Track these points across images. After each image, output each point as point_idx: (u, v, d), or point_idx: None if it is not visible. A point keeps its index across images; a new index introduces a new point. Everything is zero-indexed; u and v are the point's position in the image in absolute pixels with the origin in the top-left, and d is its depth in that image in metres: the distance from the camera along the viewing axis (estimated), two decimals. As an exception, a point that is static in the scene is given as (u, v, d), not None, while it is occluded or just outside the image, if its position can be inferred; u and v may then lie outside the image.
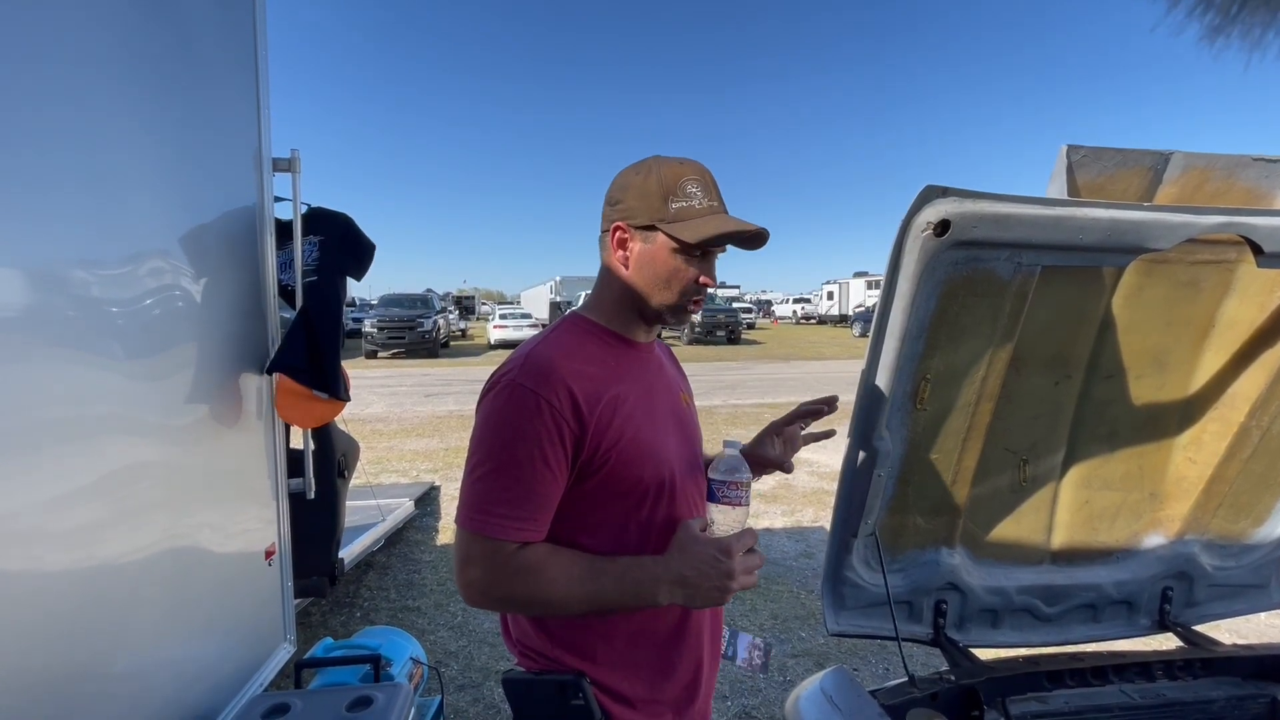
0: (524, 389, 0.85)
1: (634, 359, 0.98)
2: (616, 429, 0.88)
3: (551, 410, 0.84)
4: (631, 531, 0.92)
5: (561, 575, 0.86)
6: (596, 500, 0.90)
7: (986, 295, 1.15)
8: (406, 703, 1.64)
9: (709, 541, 0.85)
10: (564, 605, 0.87)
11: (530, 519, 0.86)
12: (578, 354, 0.91)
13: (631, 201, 0.92)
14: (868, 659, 2.86)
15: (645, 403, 0.95)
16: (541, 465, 0.84)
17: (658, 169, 0.92)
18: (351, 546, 2.98)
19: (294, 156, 2.01)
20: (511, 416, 0.85)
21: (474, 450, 0.87)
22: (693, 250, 0.91)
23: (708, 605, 0.86)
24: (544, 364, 0.87)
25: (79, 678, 1.23)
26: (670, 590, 0.84)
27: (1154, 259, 1.20)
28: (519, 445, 0.84)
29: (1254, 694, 1.37)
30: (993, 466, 1.41)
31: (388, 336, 16.64)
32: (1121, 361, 1.37)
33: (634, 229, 0.92)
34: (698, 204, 0.91)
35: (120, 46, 1.36)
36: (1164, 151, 1.21)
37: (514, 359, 0.90)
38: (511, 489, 0.84)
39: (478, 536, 0.85)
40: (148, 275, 1.44)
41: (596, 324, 0.98)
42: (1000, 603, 1.51)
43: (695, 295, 0.95)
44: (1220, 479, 1.48)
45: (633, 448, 0.90)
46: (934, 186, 1.02)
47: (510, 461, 0.84)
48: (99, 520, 1.29)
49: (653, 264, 0.92)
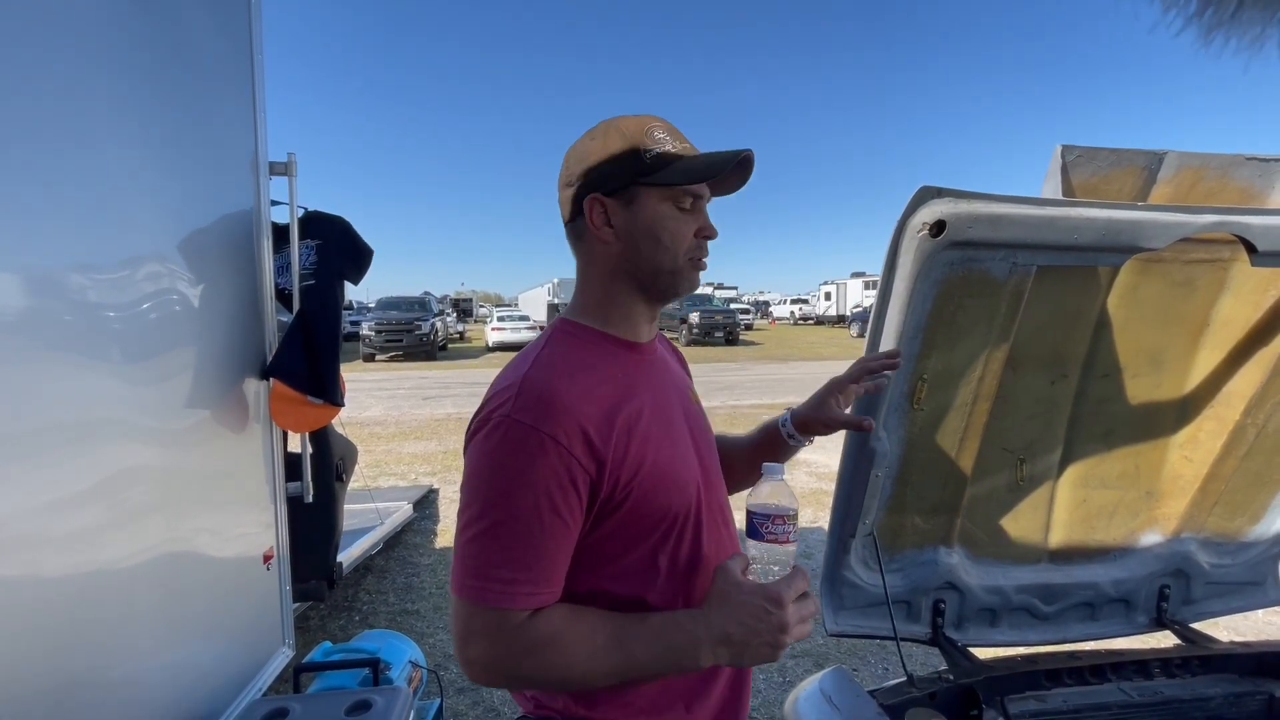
0: (522, 426, 0.71)
1: (639, 364, 0.85)
2: (635, 457, 0.76)
3: (558, 449, 0.70)
4: (661, 568, 0.80)
5: (582, 646, 0.72)
6: (619, 541, 0.78)
7: (982, 295, 1.15)
8: (406, 706, 1.64)
9: (755, 589, 0.73)
10: (587, 679, 0.74)
11: (540, 581, 0.72)
12: (579, 372, 0.77)
13: (600, 167, 0.80)
14: (867, 659, 2.86)
15: (660, 415, 0.83)
16: (550, 515, 0.71)
17: (615, 126, 0.81)
18: (350, 550, 2.97)
19: (290, 160, 2.01)
20: (510, 460, 0.71)
21: (467, 502, 0.73)
22: (683, 199, 0.80)
23: (757, 663, 0.74)
24: (543, 392, 0.73)
25: (75, 684, 1.22)
26: (714, 651, 0.72)
27: (1149, 258, 1.21)
28: (521, 494, 0.70)
29: (1251, 691, 1.38)
30: (990, 466, 1.41)
31: (385, 339, 16.62)
32: (1118, 360, 1.38)
33: (611, 197, 0.80)
34: (671, 148, 0.80)
35: (114, 48, 1.36)
36: (1158, 151, 1.22)
37: (504, 387, 0.76)
38: (515, 547, 0.71)
39: (479, 608, 0.71)
40: (144, 279, 1.44)
41: (591, 329, 0.84)
42: (998, 602, 1.51)
43: (697, 251, 0.83)
44: (1216, 477, 1.48)
45: (654, 476, 0.77)
46: (929, 187, 1.03)
47: (512, 514, 0.70)
48: (95, 525, 1.28)
49: (644, 227, 0.80)
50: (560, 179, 0.85)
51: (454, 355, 18.95)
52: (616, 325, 0.85)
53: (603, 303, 0.85)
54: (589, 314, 0.85)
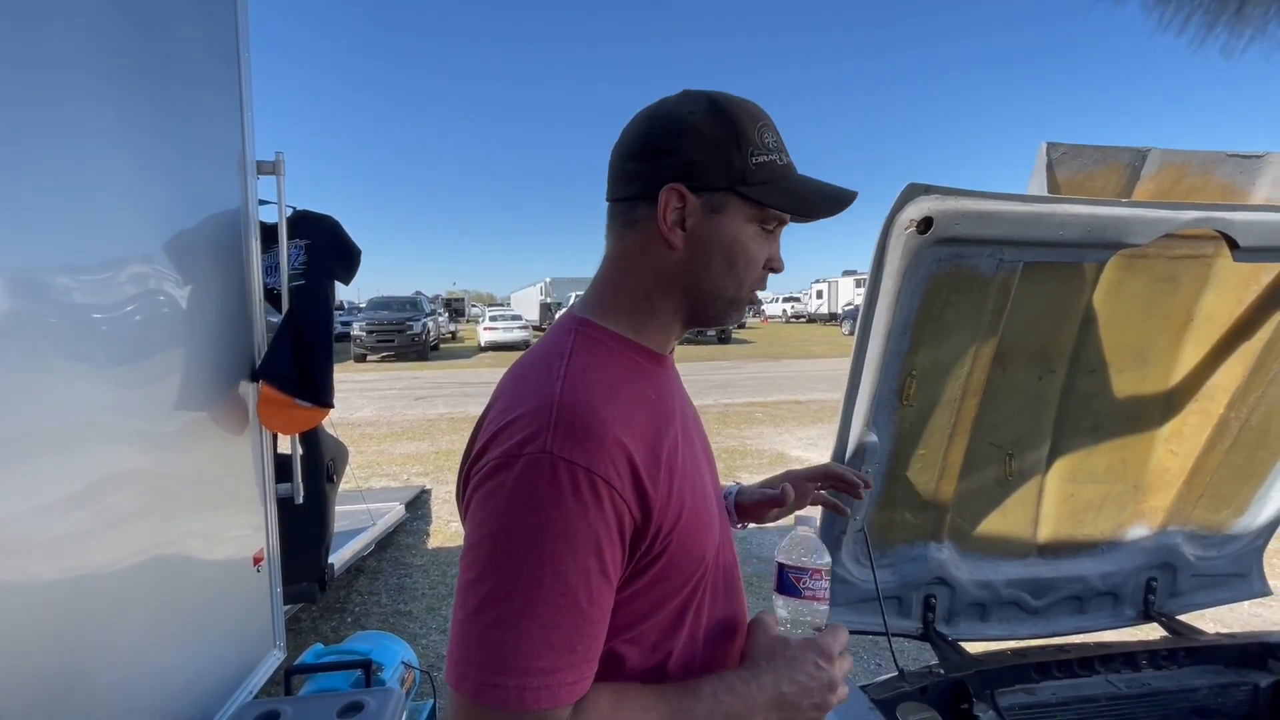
0: (572, 467, 0.55)
1: (666, 381, 0.72)
2: (677, 499, 0.63)
3: (612, 495, 0.56)
4: (685, 627, 0.68)
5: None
6: (654, 594, 0.64)
7: (970, 291, 1.16)
8: (398, 707, 1.63)
9: (806, 644, 0.66)
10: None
11: (585, 663, 0.57)
12: (618, 392, 0.63)
13: (695, 153, 0.64)
14: (859, 655, 2.88)
15: (690, 445, 0.71)
16: (600, 579, 0.56)
17: (725, 108, 0.66)
18: (341, 551, 2.96)
19: (278, 159, 1.99)
20: (551, 511, 0.55)
21: (483, 569, 0.56)
22: (770, 221, 0.68)
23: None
24: (588, 419, 0.58)
25: (63, 688, 1.21)
26: (767, 714, 0.63)
27: (1133, 254, 1.22)
28: (566, 556, 0.55)
29: (1236, 681, 1.39)
30: (979, 461, 1.42)
31: (376, 340, 16.53)
32: (1103, 356, 1.39)
33: (697, 193, 0.65)
34: (778, 160, 0.67)
35: (97, 45, 1.34)
36: (1141, 148, 1.23)
37: (528, 413, 0.59)
38: (561, 625, 0.55)
39: (510, 714, 0.54)
40: (130, 280, 1.43)
41: (619, 336, 0.69)
42: (988, 596, 1.52)
43: (760, 285, 0.72)
44: (1201, 470, 1.50)
45: (692, 519, 0.65)
46: (916, 184, 1.03)
47: (553, 583, 0.54)
48: (83, 529, 1.27)
49: (722, 243, 0.67)
50: (629, 143, 0.68)
51: (446, 355, 18.88)
52: (649, 335, 0.71)
53: (639, 308, 0.70)
54: (618, 316, 0.70)
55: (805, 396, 10.05)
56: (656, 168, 0.66)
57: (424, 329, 17.33)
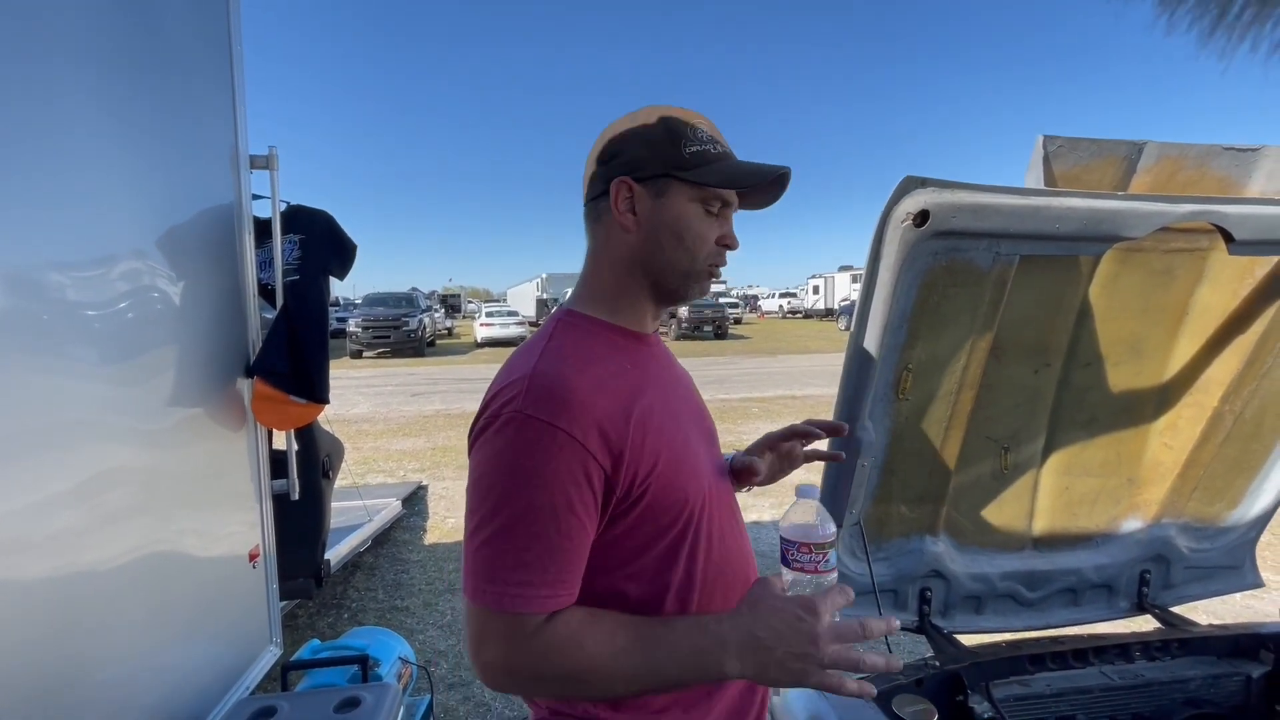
0: (536, 422, 0.67)
1: (647, 355, 0.83)
2: (651, 452, 0.73)
3: (574, 445, 0.67)
4: (680, 561, 0.76)
5: (603, 650, 0.68)
6: (638, 537, 0.74)
7: (966, 285, 1.16)
8: (395, 702, 1.63)
9: (791, 598, 0.69)
10: (607, 685, 0.69)
11: (558, 583, 0.68)
12: (591, 364, 0.74)
13: (636, 151, 0.77)
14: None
15: (670, 409, 0.80)
16: (567, 514, 0.68)
17: (661, 113, 0.78)
18: (338, 547, 2.95)
19: (272, 153, 1.98)
20: (523, 458, 0.67)
21: (476, 504, 0.69)
22: (713, 202, 0.78)
23: (784, 681, 0.67)
24: (555, 386, 0.69)
25: (59, 686, 1.21)
26: (739, 657, 0.67)
27: (1129, 248, 1.22)
28: (536, 492, 0.67)
29: (1229, 672, 1.40)
30: (975, 455, 1.43)
31: (373, 336, 16.48)
32: (1099, 349, 1.39)
33: (642, 183, 0.77)
34: (712, 149, 0.77)
35: (86, 38, 1.33)
36: (1138, 141, 1.23)
37: (511, 382, 0.71)
38: (531, 548, 0.67)
39: (495, 613, 0.67)
40: (122, 276, 1.42)
41: (598, 320, 0.81)
42: (983, 589, 1.53)
43: (716, 259, 0.81)
44: (1195, 463, 1.51)
45: (670, 470, 0.74)
46: (913, 177, 1.03)
47: (526, 512, 0.67)
48: (77, 527, 1.27)
49: (668, 221, 0.77)
50: (591, 154, 0.82)
51: (442, 351, 18.84)
52: (624, 316, 0.82)
53: (611, 292, 0.82)
54: (596, 303, 0.82)
55: (801, 391, 10.07)
56: (610, 168, 0.79)
57: (420, 325, 17.28)
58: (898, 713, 1.13)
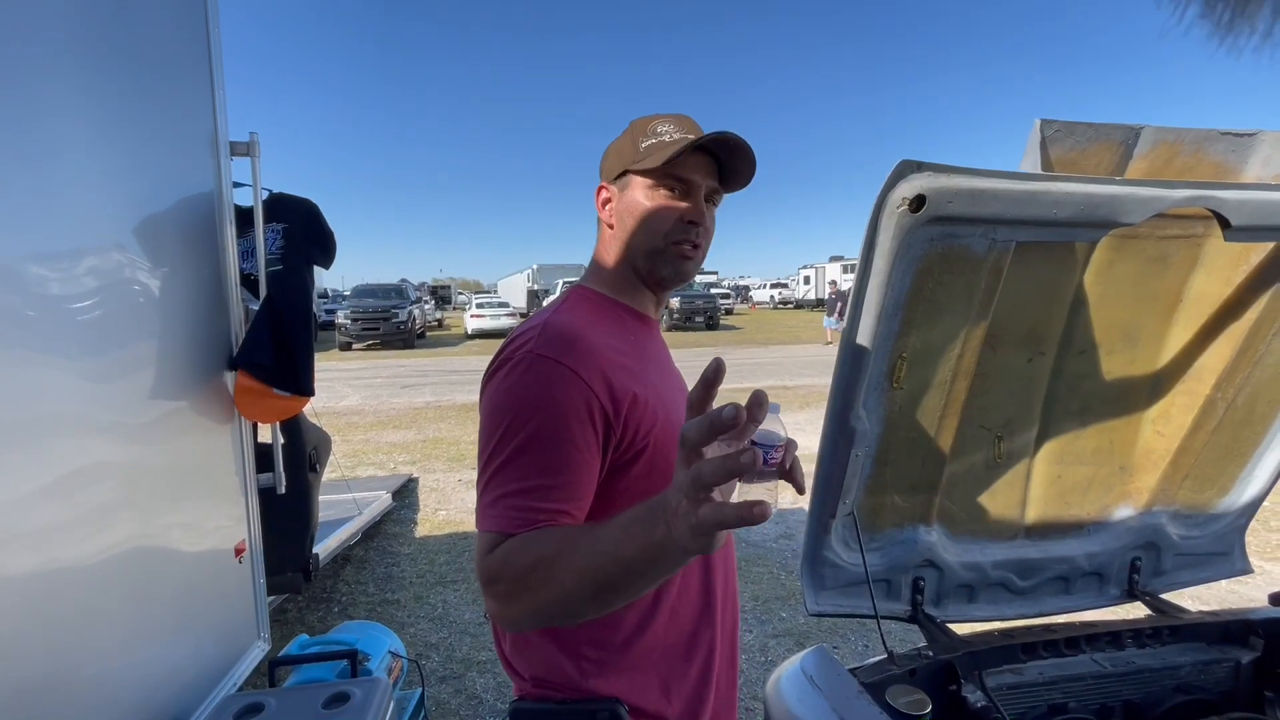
0: (547, 360, 0.73)
1: (649, 337, 0.92)
2: (651, 409, 0.79)
3: (579, 383, 0.73)
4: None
5: (581, 547, 0.66)
6: (641, 491, 0.76)
7: (962, 272, 1.14)
8: (385, 697, 1.61)
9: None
10: (579, 588, 0.65)
11: (567, 499, 0.71)
12: (596, 324, 0.83)
13: (609, 160, 0.92)
14: (848, 638, 2.90)
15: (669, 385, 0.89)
16: (569, 446, 0.71)
17: (633, 123, 0.91)
18: (327, 541, 2.93)
19: (253, 140, 1.93)
20: (533, 391, 0.72)
21: (487, 438, 0.73)
22: (672, 185, 0.86)
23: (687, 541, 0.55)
24: (566, 332, 0.77)
25: (41, 684, 1.18)
26: (667, 524, 0.58)
27: (1124, 234, 1.21)
28: (545, 419, 0.71)
29: (1219, 658, 1.41)
30: (968, 444, 1.42)
31: (362, 328, 16.35)
32: (1093, 337, 1.38)
33: (610, 184, 0.91)
34: (669, 138, 0.86)
35: (57, 21, 1.28)
36: (1135, 126, 1.21)
37: (527, 330, 0.79)
38: (542, 468, 0.71)
39: (509, 535, 0.68)
40: (99, 267, 1.37)
41: (605, 296, 0.91)
42: (976, 578, 1.52)
43: (681, 235, 0.87)
44: (1187, 451, 1.51)
45: (671, 429, 0.80)
46: (909, 161, 1.01)
47: (537, 436, 0.71)
48: (56, 523, 1.23)
49: (630, 208, 0.88)
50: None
51: (432, 343, 18.73)
52: (627, 296, 0.92)
53: (611, 275, 0.93)
54: (602, 283, 0.93)
55: (793, 382, 10.09)
56: (600, 177, 0.94)
57: (410, 317, 17.16)
58: (891, 703, 1.13)
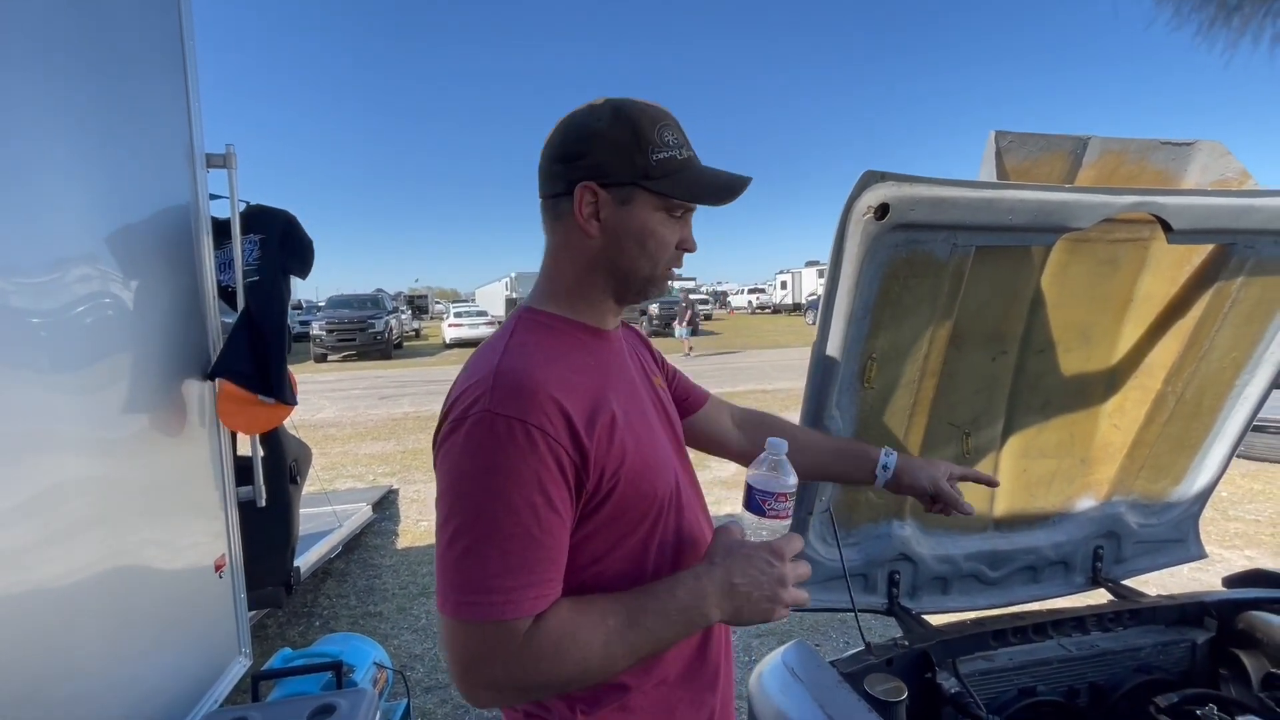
0: (504, 420, 0.65)
1: (609, 351, 0.83)
2: (619, 445, 0.73)
3: (546, 440, 0.66)
4: (652, 552, 0.78)
5: (598, 634, 0.68)
6: (610, 534, 0.75)
7: (926, 275, 1.20)
8: (371, 707, 1.61)
9: (758, 544, 0.73)
10: (609, 666, 0.68)
11: (545, 581, 0.67)
12: (554, 360, 0.73)
13: (602, 156, 0.75)
14: (828, 634, 2.96)
15: (635, 402, 0.81)
16: (547, 511, 0.67)
17: (627, 114, 0.76)
18: (308, 554, 2.90)
19: (229, 152, 1.93)
20: (494, 458, 0.65)
21: (449, 511, 0.67)
22: (676, 209, 0.78)
23: (755, 619, 0.72)
24: (521, 380, 0.68)
25: (17, 701, 1.16)
26: (720, 603, 0.71)
27: (1077, 238, 1.28)
28: (512, 493, 0.65)
29: (1176, 639, 1.48)
30: (938, 440, 1.47)
31: (338, 339, 16.12)
32: (1051, 336, 1.45)
33: (607, 189, 0.76)
34: (678, 155, 0.77)
35: (29, 31, 1.28)
36: (1083, 136, 1.29)
37: (475, 381, 0.70)
38: (512, 551, 0.65)
39: (485, 624, 0.64)
40: (74, 280, 1.37)
41: (558, 317, 0.80)
42: (949, 570, 1.58)
43: (675, 263, 0.82)
44: (1142, 443, 1.58)
45: (639, 462, 0.75)
46: (873, 171, 1.06)
47: (505, 515, 0.65)
48: (31, 540, 1.22)
49: (633, 230, 0.77)
50: (550, 148, 0.79)
51: (410, 353, 18.52)
52: (585, 314, 0.82)
53: (572, 291, 0.81)
54: (557, 301, 0.82)
55: (772, 386, 10.20)
56: (573, 169, 0.76)
57: (386, 327, 16.97)
58: (869, 691, 1.17)
